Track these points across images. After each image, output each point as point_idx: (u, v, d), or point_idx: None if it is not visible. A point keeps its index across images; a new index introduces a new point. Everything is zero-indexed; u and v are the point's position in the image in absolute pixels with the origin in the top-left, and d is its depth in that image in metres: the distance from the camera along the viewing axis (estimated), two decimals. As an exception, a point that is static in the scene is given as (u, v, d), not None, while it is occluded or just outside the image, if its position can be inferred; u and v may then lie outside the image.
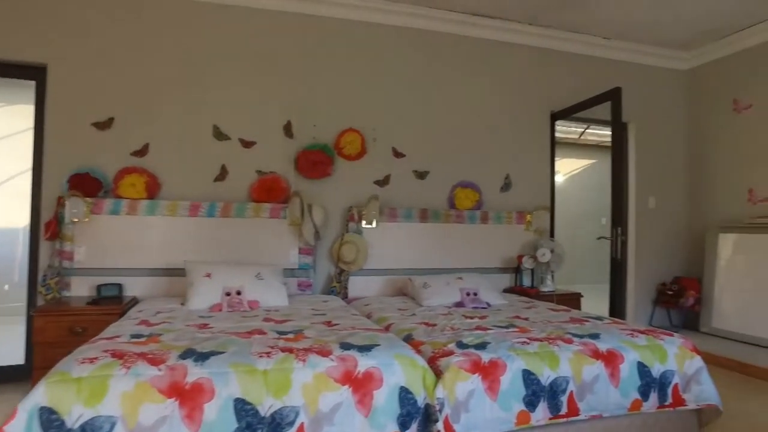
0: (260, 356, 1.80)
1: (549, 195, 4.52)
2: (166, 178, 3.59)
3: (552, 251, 4.00)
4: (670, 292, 4.66)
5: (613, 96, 3.66)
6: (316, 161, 3.78)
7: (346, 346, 1.95)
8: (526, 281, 4.15)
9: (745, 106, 4.51)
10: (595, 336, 2.29)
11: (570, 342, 2.20)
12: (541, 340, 2.19)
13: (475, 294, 3.34)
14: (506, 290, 4.13)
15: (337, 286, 3.79)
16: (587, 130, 8.43)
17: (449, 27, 4.21)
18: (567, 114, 4.33)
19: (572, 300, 3.91)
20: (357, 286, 3.82)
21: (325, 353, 1.86)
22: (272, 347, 1.91)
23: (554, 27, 4.40)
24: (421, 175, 4.11)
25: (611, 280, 3.62)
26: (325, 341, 2.04)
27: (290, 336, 2.15)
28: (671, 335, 2.43)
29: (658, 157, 4.93)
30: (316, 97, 3.90)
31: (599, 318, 2.78)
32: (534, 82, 4.48)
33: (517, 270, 4.08)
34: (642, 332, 2.41)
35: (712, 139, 4.80)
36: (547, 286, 4.04)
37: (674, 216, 4.98)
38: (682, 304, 4.56)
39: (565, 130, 8.95)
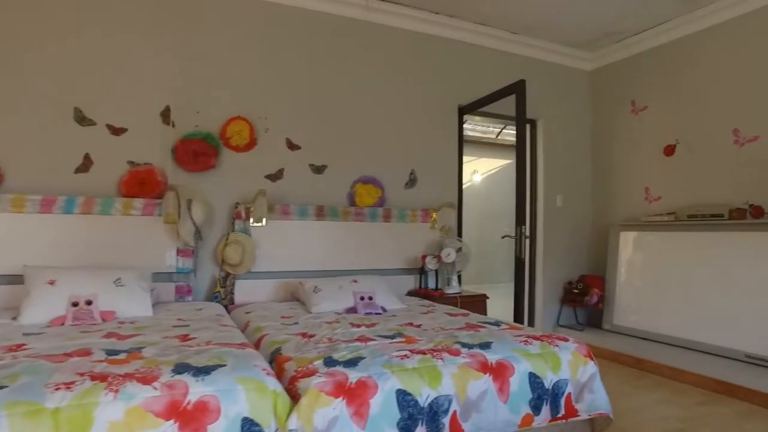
0: (57, 389, 1.39)
1: (456, 192, 4.35)
2: (11, 168, 3.03)
3: (458, 251, 3.82)
4: (576, 291, 4.65)
5: (518, 89, 3.53)
6: (198, 152, 3.35)
7: (181, 369, 1.58)
8: (432, 283, 3.94)
9: (641, 108, 4.58)
10: (486, 345, 2.07)
11: (457, 354, 1.96)
12: (425, 353, 1.94)
13: (371, 298, 3.07)
14: (410, 293, 3.90)
15: (221, 292, 3.38)
16: (504, 130, 8.49)
17: (352, 11, 3.92)
18: (474, 108, 4.18)
19: (477, 302, 3.74)
20: (245, 290, 3.43)
21: (149, 380, 1.49)
22: (83, 374, 1.51)
23: (462, 18, 4.23)
24: (319, 169, 3.78)
25: (515, 280, 3.49)
26: (159, 363, 1.66)
27: (121, 357, 1.74)
28: (566, 340, 2.27)
29: (565, 155, 4.92)
30: (199, 80, 3.46)
31: (497, 323, 2.58)
32: (441, 74, 4.29)
33: (422, 271, 3.85)
34: (537, 338, 2.23)
35: (613, 139, 4.85)
36: (453, 288, 3.85)
37: (580, 214, 5.00)
38: (586, 302, 4.55)
39: (483, 129, 9.00)
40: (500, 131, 8.92)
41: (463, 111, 4.34)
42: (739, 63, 3.83)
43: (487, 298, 3.81)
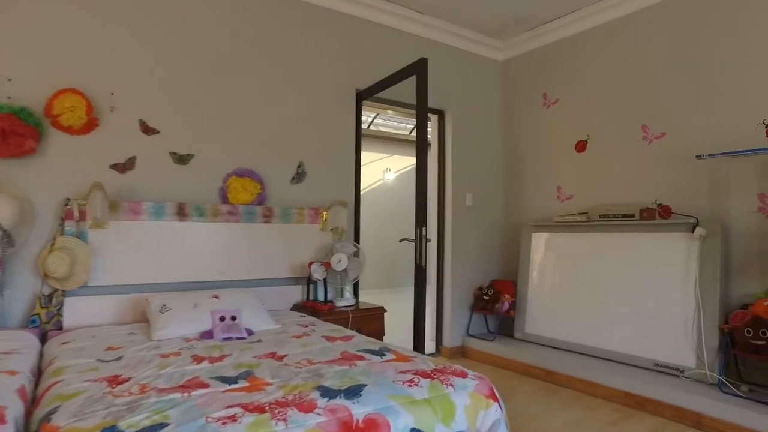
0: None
1: (354, 188, 3.82)
2: None
3: (352, 256, 3.29)
4: (486, 298, 4.29)
5: (419, 68, 3.06)
6: (6, 131, 2.56)
7: None
8: (321, 294, 3.38)
9: (552, 101, 4.31)
10: (355, 392, 1.54)
11: (311, 408, 1.41)
12: (265, 410, 1.37)
13: (234, 318, 2.45)
14: (296, 307, 3.32)
15: (41, 314, 2.61)
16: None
17: (228, -28, 3.27)
18: (373, 92, 3.67)
19: (372, 318, 3.24)
20: (78, 311, 2.68)
21: None
22: None
23: (361, -9, 3.72)
24: (182, 159, 3.10)
25: (415, 291, 3.01)
26: None
27: None
28: (464, 375, 1.79)
29: (476, 150, 4.56)
30: (12, 35, 2.67)
31: (382, 351, 2.07)
32: (338, 55, 3.74)
33: (310, 281, 3.28)
34: (427, 375, 1.73)
35: (524, 133, 4.56)
36: (346, 300, 3.31)
37: (492, 214, 4.66)
38: (497, 310, 4.20)
39: (396, 125, 8.61)
40: (412, 129, 8.56)
41: (362, 96, 3.83)
42: (647, 56, 3.61)
43: (385, 311, 3.31)
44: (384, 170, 8.88)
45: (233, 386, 1.57)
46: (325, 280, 3.23)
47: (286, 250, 3.32)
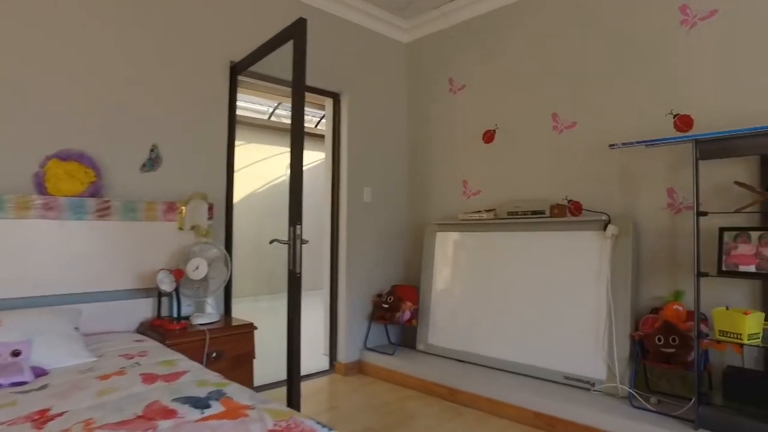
0: None
1: (225, 180, 3.18)
2: None
3: (216, 261, 2.66)
4: (386, 306, 3.81)
5: (297, 32, 2.49)
6: None
7: None
8: (176, 309, 2.70)
9: (459, 87, 3.92)
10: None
11: None
12: None
13: (16, 353, 1.75)
14: (143, 326, 2.63)
15: None
16: (322, 121, 7.57)
17: None
18: (249, 63, 3.05)
19: (238, 337, 2.62)
20: None
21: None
22: None
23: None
24: (-28, 133, 2.31)
25: (289, 303, 2.44)
26: None
27: None
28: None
29: (377, 139, 4.07)
30: None
31: (208, 401, 1.47)
32: (208, 20, 3.08)
33: (162, 293, 2.61)
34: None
35: (430, 122, 4.14)
36: (206, 316, 2.67)
37: (394, 211, 4.19)
38: (398, 319, 3.74)
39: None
40: (319, 120, 7.99)
41: (237, 70, 3.19)
42: (559, 41, 3.31)
43: (255, 328, 2.71)
44: (287, 166, 8.19)
45: None
46: (177, 291, 2.57)
47: (131, 255, 2.62)
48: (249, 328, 2.67)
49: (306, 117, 7.95)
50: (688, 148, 2.70)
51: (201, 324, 2.57)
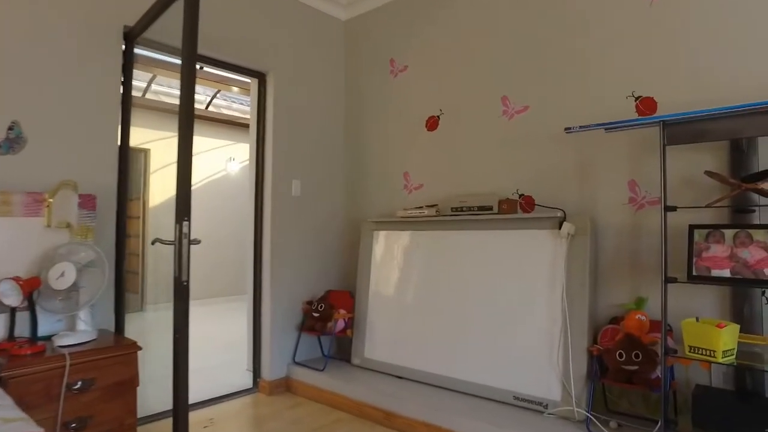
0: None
1: (116, 167, 2.63)
2: None
3: (87, 266, 2.12)
4: (316, 314, 3.35)
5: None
6: None
7: None
8: (50, 325, 2.15)
9: (401, 68, 3.51)
10: None
11: None
12: None
13: None
14: (-15, 349, 2.06)
15: None
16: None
17: None
18: (144, 26, 2.51)
19: (117, 362, 2.09)
20: None
21: None
22: None
23: None
24: None
25: (174, 313, 1.95)
26: None
27: None
28: None
29: (309, 126, 3.60)
30: None
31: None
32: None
33: (15, 308, 2.05)
34: None
35: (369, 107, 3.71)
36: (75, 335, 2.13)
37: (328, 207, 3.73)
38: (330, 329, 3.28)
39: (241, 108, 7.41)
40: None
41: (133, 37, 2.66)
42: (510, 15, 2.94)
43: (139, 348, 2.19)
44: (228, 159, 7.62)
45: None
46: (33, 305, 2.02)
47: (-29, 260, 2.06)
48: (130, 349, 2.14)
49: (239, 105, 7.38)
50: (651, 134, 2.37)
51: (64, 346, 2.03)
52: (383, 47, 3.62)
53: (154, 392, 3.00)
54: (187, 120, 1.95)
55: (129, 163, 2.69)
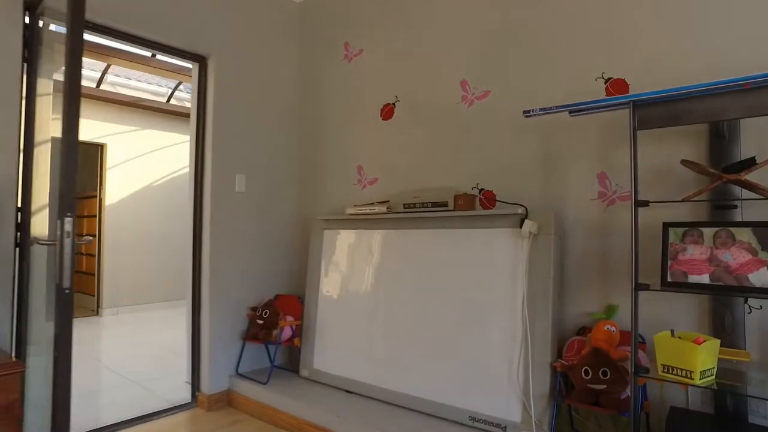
0: None
1: (15, 159, 2.28)
2: None
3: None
4: (260, 321, 3.03)
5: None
6: None
7: None
8: None
9: (355, 53, 3.20)
10: None
11: None
12: None
13: None
14: None
15: None
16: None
17: None
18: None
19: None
20: None
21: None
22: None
23: None
24: None
25: (55, 328, 1.62)
26: None
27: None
28: None
29: (256, 115, 3.28)
30: None
31: None
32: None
33: None
34: None
35: (322, 96, 3.39)
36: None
37: (278, 204, 3.41)
38: (275, 338, 2.97)
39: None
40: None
41: (34, 5, 2.32)
42: (470, -15, 2.65)
43: (21, 370, 1.85)
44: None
45: None
46: None
47: None
48: (10, 369, 1.81)
49: (185, 93, 7.01)
50: (622, 119, 2.10)
51: None
52: (338, 30, 3.31)
53: (83, 409, 2.67)
54: (71, 96, 1.63)
55: (32, 156, 2.34)
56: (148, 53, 4.58)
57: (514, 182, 2.43)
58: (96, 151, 6.16)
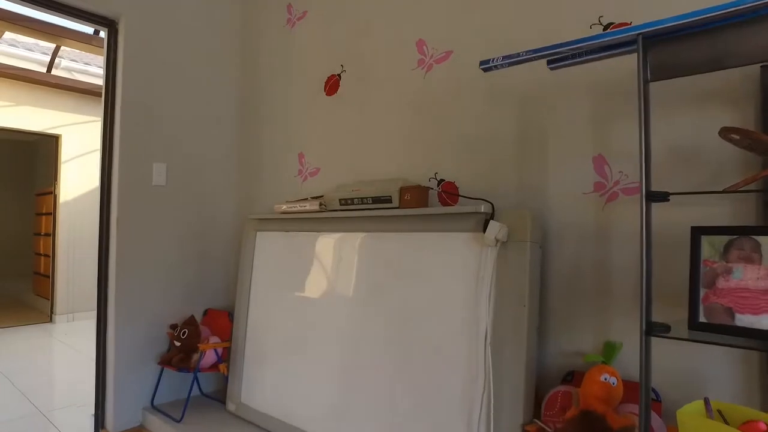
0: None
1: None
2: None
3: None
4: (178, 343, 2.44)
5: None
6: None
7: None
8: None
9: (298, 16, 2.60)
10: None
11: None
12: None
13: None
14: None
15: None
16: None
17: None
18: None
19: None
20: None
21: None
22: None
23: None
24: None
25: None
26: None
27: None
28: None
29: (180, 92, 2.69)
30: None
31: None
32: None
33: None
34: None
35: (261, 68, 2.80)
36: None
37: (208, 200, 2.82)
38: (194, 364, 2.39)
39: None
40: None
41: None
42: None
43: None
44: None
45: None
46: None
47: None
48: None
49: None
50: (627, 78, 1.48)
51: None
52: (283, -11, 2.72)
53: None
54: None
55: None
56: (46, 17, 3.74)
57: (483, 171, 1.82)
58: (50, 143, 5.63)
